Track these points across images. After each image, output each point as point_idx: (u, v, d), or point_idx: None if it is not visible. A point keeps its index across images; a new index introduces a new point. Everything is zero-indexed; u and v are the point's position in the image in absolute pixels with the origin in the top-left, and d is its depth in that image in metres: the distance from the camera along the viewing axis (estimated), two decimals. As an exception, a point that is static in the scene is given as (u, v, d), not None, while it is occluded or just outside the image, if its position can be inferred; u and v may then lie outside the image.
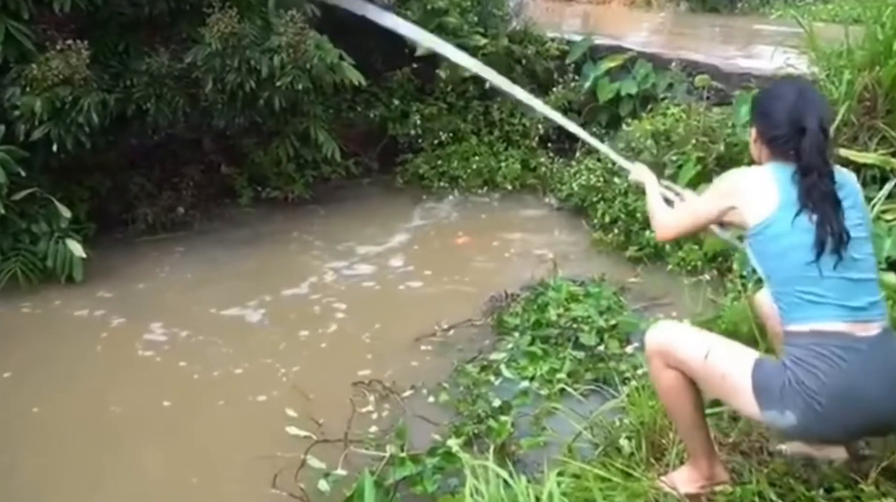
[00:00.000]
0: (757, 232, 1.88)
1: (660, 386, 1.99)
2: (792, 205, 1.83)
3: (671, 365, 1.93)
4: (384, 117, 5.88)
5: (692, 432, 1.99)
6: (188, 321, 3.85)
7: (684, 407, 1.95)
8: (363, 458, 2.79)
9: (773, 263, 1.89)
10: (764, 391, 1.80)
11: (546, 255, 4.55)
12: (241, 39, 4.36)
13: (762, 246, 1.90)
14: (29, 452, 2.94)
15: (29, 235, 4.01)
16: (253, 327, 3.85)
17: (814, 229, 1.80)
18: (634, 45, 6.35)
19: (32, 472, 2.84)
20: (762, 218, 1.86)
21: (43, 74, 3.77)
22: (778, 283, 1.89)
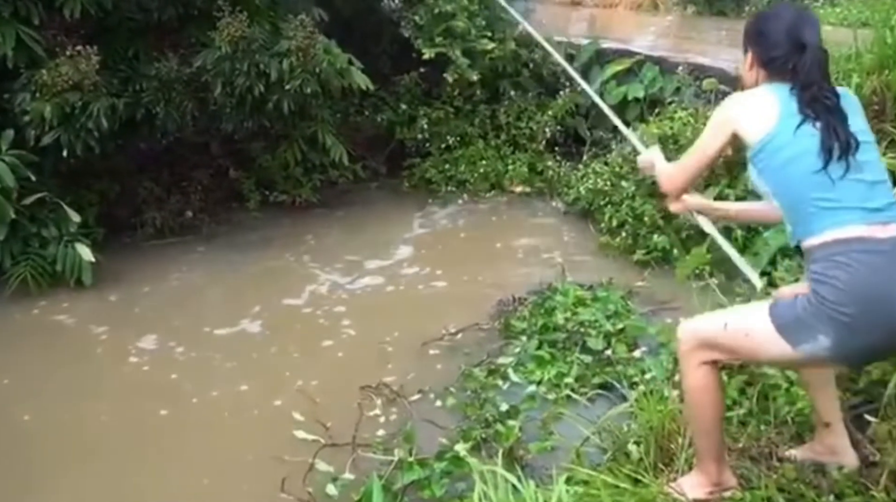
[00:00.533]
0: (760, 148, 1.85)
1: (688, 384, 1.95)
2: (793, 116, 1.82)
3: (703, 348, 1.89)
4: (392, 121, 5.90)
5: (708, 436, 1.97)
6: (196, 325, 3.87)
7: (707, 409, 1.93)
8: (371, 462, 2.79)
9: (780, 176, 1.85)
10: (787, 327, 1.78)
11: (553, 259, 4.55)
12: (251, 43, 4.38)
13: (767, 161, 1.86)
14: (41, 457, 2.95)
15: (38, 239, 4.03)
16: (260, 332, 3.86)
17: (818, 136, 1.79)
18: (641, 49, 6.35)
19: (48, 478, 2.85)
20: (764, 132, 1.84)
21: (53, 80, 3.80)
22: (789, 198, 1.85)
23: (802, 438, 2.23)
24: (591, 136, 5.97)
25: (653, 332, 3.37)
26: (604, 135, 5.87)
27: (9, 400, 3.29)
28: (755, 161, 1.89)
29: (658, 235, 4.41)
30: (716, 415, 1.95)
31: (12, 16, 3.85)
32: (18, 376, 3.47)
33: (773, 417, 2.31)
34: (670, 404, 2.37)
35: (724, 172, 4.29)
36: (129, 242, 4.72)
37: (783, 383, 2.44)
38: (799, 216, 1.84)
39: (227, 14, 4.34)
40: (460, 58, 5.52)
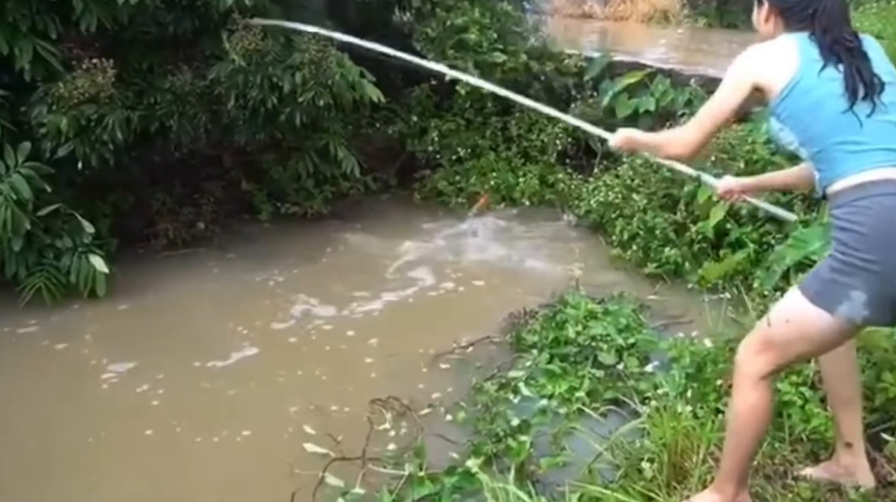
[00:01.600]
0: (785, 94, 1.83)
1: (738, 404, 1.91)
2: (815, 60, 1.81)
3: (759, 353, 1.87)
4: (403, 133, 5.92)
5: (741, 459, 1.94)
6: (207, 337, 3.87)
7: (749, 432, 1.91)
8: (381, 477, 2.78)
9: (807, 120, 1.83)
10: (819, 293, 1.76)
11: (564, 272, 4.53)
12: (264, 56, 4.41)
13: (793, 106, 1.83)
14: (59, 470, 2.96)
15: (53, 250, 4.05)
16: (270, 343, 3.86)
17: (842, 78, 1.78)
18: (653, 62, 6.37)
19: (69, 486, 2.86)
20: (788, 78, 1.82)
21: (69, 93, 3.83)
22: (815, 142, 1.83)
23: (818, 457, 2.22)
24: (602, 149, 5.96)
25: (665, 347, 3.35)
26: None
27: (23, 411, 3.31)
28: (778, 111, 1.87)
29: (670, 248, 4.41)
30: (755, 443, 1.94)
31: (30, 30, 3.89)
32: (31, 385, 3.49)
33: (787, 435, 2.29)
34: (683, 421, 2.35)
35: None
36: (142, 253, 4.74)
37: (797, 400, 2.42)
38: (825, 161, 1.81)
39: (241, 27, 4.37)
40: (472, 70, 5.54)
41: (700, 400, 2.73)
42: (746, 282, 3.87)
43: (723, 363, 2.89)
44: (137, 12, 4.11)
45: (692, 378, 2.95)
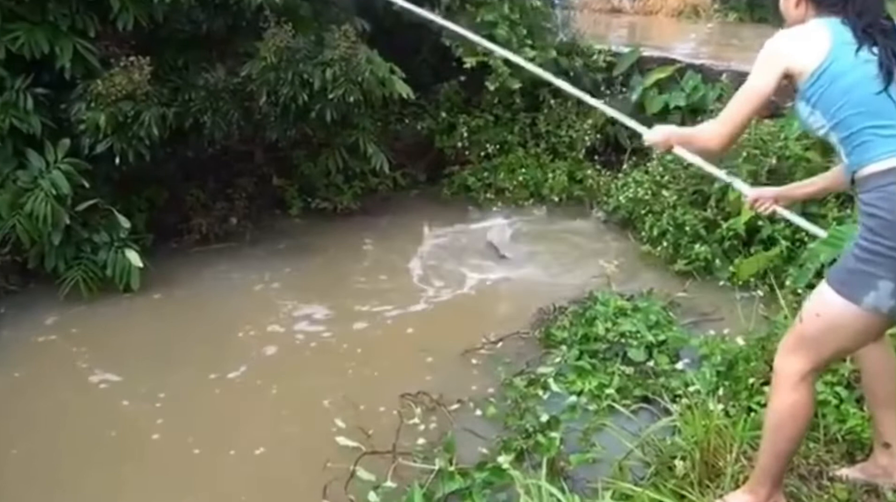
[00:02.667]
0: (816, 77, 1.80)
1: (777, 404, 1.89)
2: (848, 43, 1.78)
3: (795, 352, 1.85)
4: (431, 129, 5.94)
5: (777, 460, 1.93)
6: (239, 331, 3.93)
7: (787, 434, 1.89)
8: (411, 470, 2.79)
9: (839, 103, 1.80)
10: (845, 283, 1.74)
11: (593, 268, 4.53)
12: (295, 53, 4.46)
13: (823, 90, 1.81)
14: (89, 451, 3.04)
15: (90, 245, 4.14)
16: (300, 337, 3.90)
17: (876, 60, 1.75)
18: (683, 57, 6.31)
19: (92, 468, 2.94)
20: (819, 61, 1.79)
21: (107, 90, 3.91)
22: (846, 126, 1.80)
23: (853, 457, 2.19)
24: (630, 145, 5.93)
25: (695, 345, 3.33)
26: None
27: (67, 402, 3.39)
28: (809, 94, 1.84)
29: (700, 245, 4.37)
30: (793, 444, 1.91)
31: (70, 29, 3.98)
32: (66, 375, 3.59)
33: (822, 435, 2.27)
34: (715, 419, 2.34)
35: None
36: (176, 248, 4.82)
37: (832, 399, 2.39)
38: (855, 145, 1.79)
39: (274, 25, 4.42)
40: (502, 66, 5.54)
41: (732, 399, 2.71)
42: (779, 279, 3.82)
43: (755, 361, 2.88)
44: (172, 11, 4.19)
45: (723, 376, 2.93)
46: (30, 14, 3.93)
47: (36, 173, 3.96)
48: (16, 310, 4.08)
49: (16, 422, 3.24)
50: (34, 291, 4.21)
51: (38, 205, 3.84)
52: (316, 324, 4.05)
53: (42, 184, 3.90)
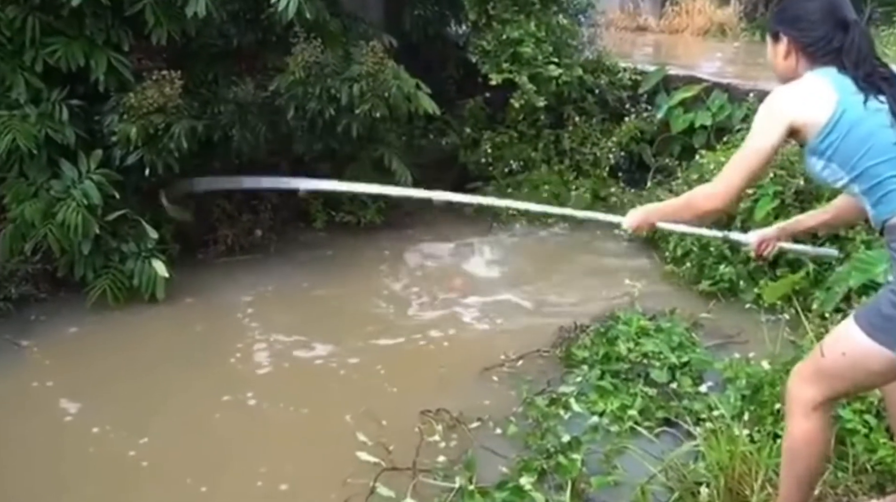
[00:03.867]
0: (829, 130, 1.76)
1: (792, 432, 1.87)
2: (854, 93, 1.76)
3: (810, 382, 1.82)
4: (456, 145, 5.97)
5: (799, 489, 1.90)
6: (259, 342, 3.95)
7: (804, 462, 1.87)
8: (431, 488, 2.78)
9: (858, 154, 1.76)
10: (878, 328, 1.71)
11: (615, 287, 4.50)
12: (324, 68, 4.52)
13: (839, 143, 1.77)
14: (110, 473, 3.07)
15: (119, 254, 4.21)
16: (321, 352, 3.90)
17: (886, 109, 1.74)
18: (709, 76, 6.28)
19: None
20: (828, 113, 1.76)
21: (139, 103, 3.99)
22: (870, 177, 1.77)
23: (883, 488, 2.15)
24: (655, 163, 5.92)
25: (720, 367, 3.29)
26: (669, 163, 5.82)
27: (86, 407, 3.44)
28: (822, 148, 1.80)
29: (725, 266, 4.34)
30: (816, 470, 1.89)
31: (105, 43, 4.07)
32: (90, 381, 3.64)
33: (851, 464, 2.24)
34: (741, 445, 2.32)
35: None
36: (202, 258, 4.88)
37: (861, 428, 2.36)
38: (881, 195, 1.76)
39: (303, 40, 4.49)
40: (527, 83, 5.56)
41: (757, 424, 2.67)
42: (805, 302, 3.78)
43: (780, 386, 2.83)
44: (204, 25, 4.26)
45: (749, 400, 2.90)
46: (67, 28, 4.02)
47: (68, 183, 4.03)
48: (45, 317, 4.15)
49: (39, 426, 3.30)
50: (63, 299, 4.28)
51: (69, 214, 3.91)
52: (336, 337, 4.04)
53: (74, 194, 3.97)
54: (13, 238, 4.04)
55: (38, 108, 4.00)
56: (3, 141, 3.86)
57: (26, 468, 3.05)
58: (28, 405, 3.45)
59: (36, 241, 4.02)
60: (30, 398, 3.51)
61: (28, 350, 3.86)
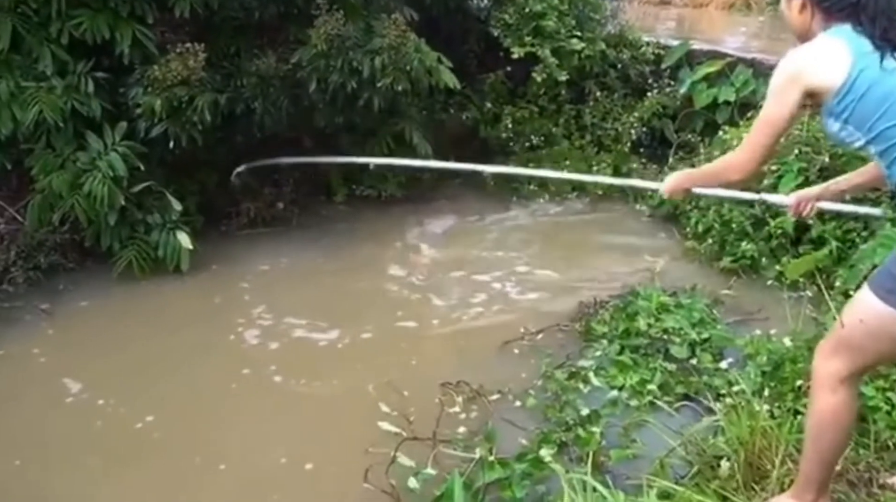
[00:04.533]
0: (845, 91, 1.75)
1: (816, 409, 1.87)
2: (870, 53, 1.73)
3: (833, 356, 1.82)
4: (476, 120, 5.94)
5: (822, 465, 1.91)
6: (283, 318, 3.99)
7: (829, 439, 1.87)
8: (451, 459, 2.83)
9: (876, 114, 1.75)
10: (892, 291, 1.70)
11: (635, 263, 4.51)
12: (345, 41, 4.50)
13: (855, 103, 1.75)
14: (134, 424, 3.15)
15: (144, 226, 4.26)
16: (340, 322, 3.94)
17: None
18: (734, 50, 6.19)
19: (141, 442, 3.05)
20: (844, 74, 1.74)
21: (163, 75, 4.00)
22: (886, 138, 1.76)
23: (905, 465, 2.16)
24: (677, 139, 5.86)
25: (741, 344, 3.30)
26: (691, 138, 5.76)
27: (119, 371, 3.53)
28: (838, 109, 1.79)
29: (746, 243, 4.31)
30: (839, 446, 1.90)
31: (129, 15, 4.09)
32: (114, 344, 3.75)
33: (872, 441, 2.24)
34: (761, 420, 2.33)
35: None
36: (225, 230, 4.92)
37: (884, 405, 2.36)
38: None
39: (325, 12, 4.47)
40: (549, 57, 5.51)
41: (777, 400, 2.69)
42: (828, 280, 3.76)
43: (802, 363, 2.84)
44: (227, -2, 4.26)
45: (769, 376, 2.91)
46: (92, 1, 4.04)
47: (94, 155, 4.07)
48: (73, 286, 4.23)
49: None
50: (90, 269, 4.36)
51: (95, 185, 3.96)
52: (356, 308, 4.09)
53: (100, 166, 4.02)
54: (41, 208, 4.11)
55: (65, 81, 4.03)
56: (30, 112, 3.91)
57: (51, 428, 3.15)
58: (51, 372, 3.53)
59: (63, 212, 4.08)
60: (52, 366, 3.59)
61: (55, 318, 3.95)
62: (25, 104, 3.93)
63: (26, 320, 3.92)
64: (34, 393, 3.39)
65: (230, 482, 2.86)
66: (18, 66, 4.04)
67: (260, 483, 2.85)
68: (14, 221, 4.27)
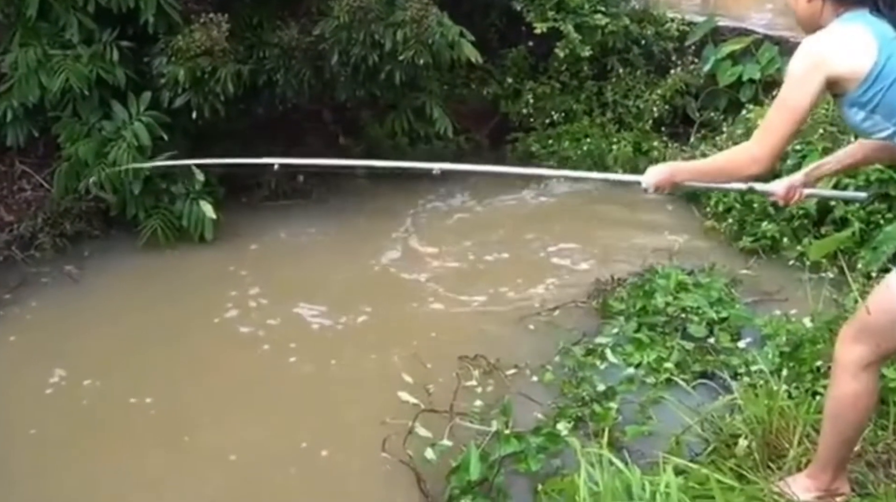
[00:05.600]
0: (874, 77, 1.68)
1: (837, 393, 1.86)
2: (894, 38, 1.67)
3: (857, 341, 1.80)
4: (497, 95, 5.90)
5: (840, 446, 1.92)
6: (306, 287, 4.06)
7: (849, 422, 1.87)
8: (468, 431, 2.87)
9: None
10: None
11: (654, 241, 4.49)
12: (367, 13, 4.48)
13: (886, 89, 1.68)
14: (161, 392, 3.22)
15: (168, 195, 4.32)
16: (359, 295, 3.99)
17: None
18: (759, 28, 6.08)
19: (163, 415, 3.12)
20: (870, 62, 1.67)
21: (187, 45, 4.02)
22: None
23: (924, 447, 2.17)
24: (700, 117, 5.80)
25: (759, 324, 3.29)
26: (714, 117, 5.70)
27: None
28: (864, 98, 1.71)
29: (767, 223, 4.28)
30: (859, 429, 1.90)
31: (154, -16, 4.10)
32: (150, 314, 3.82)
33: (892, 423, 2.25)
34: (779, 400, 2.34)
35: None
36: (246, 202, 4.97)
37: (903, 387, 2.36)
38: None
39: (346, -17, 4.45)
40: (572, 33, 5.45)
41: (796, 380, 2.69)
42: (850, 261, 3.73)
43: (822, 344, 2.84)
44: (251, -32, 4.25)
45: (788, 357, 2.91)
46: (118, -31, 4.05)
47: (119, 124, 4.13)
48: (99, 253, 4.31)
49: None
50: (115, 237, 4.44)
51: (120, 154, 4.01)
52: (374, 282, 4.15)
53: (125, 135, 4.07)
54: (68, 176, 4.17)
55: (91, 49, 4.07)
56: (57, 80, 3.95)
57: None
58: (74, 334, 3.64)
59: (89, 180, 4.13)
60: (77, 327, 3.70)
61: (81, 284, 4.03)
62: (52, 72, 3.98)
63: (53, 285, 3.99)
64: (59, 354, 3.47)
65: (250, 453, 2.92)
66: (45, 33, 4.08)
67: (279, 451, 2.92)
68: (41, 188, 4.35)
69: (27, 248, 4.13)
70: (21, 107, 4.09)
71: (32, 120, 4.18)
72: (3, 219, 4.23)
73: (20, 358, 3.49)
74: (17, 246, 4.12)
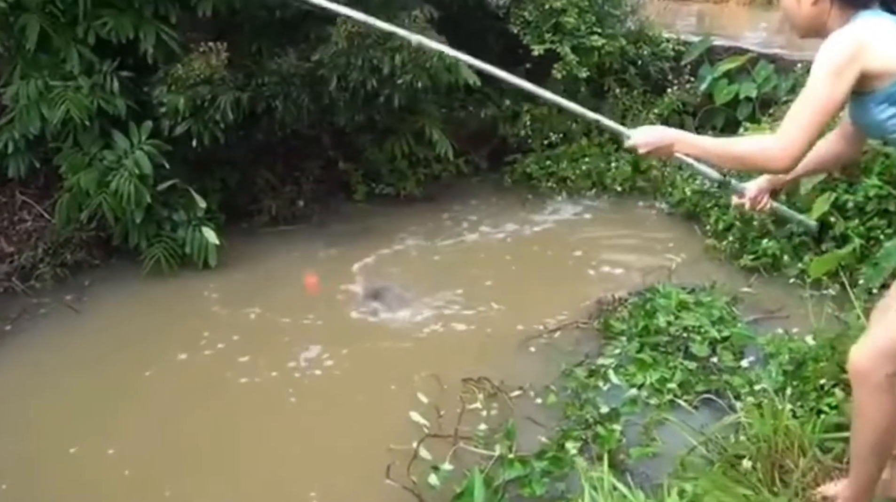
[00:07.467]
0: None
1: (870, 414, 1.76)
2: None
3: (889, 359, 1.70)
4: (495, 117, 5.94)
5: (873, 456, 1.83)
6: (309, 312, 4.05)
7: (884, 425, 1.76)
8: (472, 455, 2.85)
9: None
10: None
11: (655, 260, 4.49)
12: (366, 38, 4.52)
13: None
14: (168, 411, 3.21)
15: (170, 223, 4.34)
16: (362, 319, 4.00)
17: None
18: (755, 46, 6.15)
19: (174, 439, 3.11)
20: None
21: (186, 74, 4.06)
22: None
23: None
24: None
25: (761, 342, 3.28)
26: (712, 135, 5.72)
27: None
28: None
29: (768, 240, 4.27)
30: (885, 451, 1.83)
31: (153, 15, 4.15)
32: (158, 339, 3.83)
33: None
34: (784, 419, 2.32)
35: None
36: (247, 228, 4.99)
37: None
38: None
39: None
40: (569, 54, 5.50)
41: (800, 399, 2.67)
42: (851, 277, 3.72)
43: (825, 362, 2.82)
44: (250, -2, 4.30)
45: (791, 375, 2.89)
46: (117, 1, 4.10)
47: (120, 153, 4.15)
48: (99, 282, 4.33)
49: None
50: (115, 266, 4.46)
51: (122, 183, 4.04)
52: (378, 307, 4.12)
53: (126, 164, 4.09)
54: (69, 207, 4.19)
55: (91, 80, 4.11)
56: (58, 111, 3.98)
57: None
58: (75, 365, 3.62)
59: (91, 210, 4.15)
60: (78, 358, 3.69)
61: (82, 314, 4.03)
62: (53, 103, 4.02)
63: (53, 315, 4.00)
64: (59, 387, 3.47)
65: (261, 472, 2.92)
66: (46, 65, 4.12)
67: (287, 473, 2.91)
68: (41, 218, 4.36)
69: (27, 279, 4.14)
70: (22, 138, 4.13)
71: (34, 151, 4.21)
72: (4, 251, 4.24)
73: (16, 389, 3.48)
74: (18, 277, 4.13)
